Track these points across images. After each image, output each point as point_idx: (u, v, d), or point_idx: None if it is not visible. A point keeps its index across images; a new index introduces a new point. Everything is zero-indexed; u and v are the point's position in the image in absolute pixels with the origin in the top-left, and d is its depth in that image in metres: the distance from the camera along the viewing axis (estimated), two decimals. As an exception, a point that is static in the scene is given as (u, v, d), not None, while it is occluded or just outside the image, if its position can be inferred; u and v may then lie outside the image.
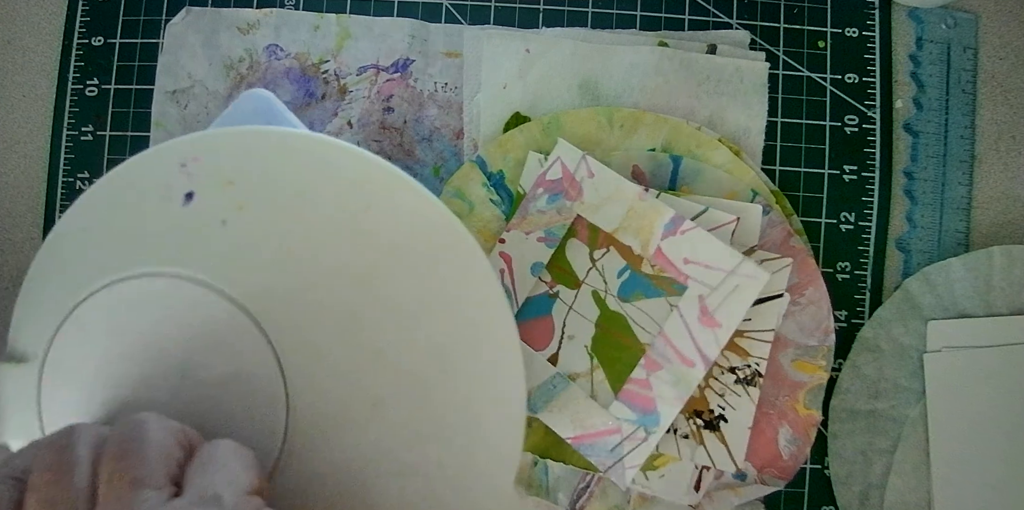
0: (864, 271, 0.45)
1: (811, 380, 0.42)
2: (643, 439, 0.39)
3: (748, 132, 0.45)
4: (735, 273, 0.39)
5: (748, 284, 0.39)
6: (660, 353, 0.40)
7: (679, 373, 0.39)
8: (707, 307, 0.39)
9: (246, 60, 0.46)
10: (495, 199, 0.43)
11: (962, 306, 0.43)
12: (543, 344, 0.42)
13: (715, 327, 0.39)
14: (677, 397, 0.39)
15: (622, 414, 0.40)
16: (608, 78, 0.45)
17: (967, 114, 0.46)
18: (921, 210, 0.45)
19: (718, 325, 0.39)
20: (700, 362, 0.39)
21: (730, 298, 0.39)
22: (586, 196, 0.42)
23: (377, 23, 0.46)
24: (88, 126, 0.46)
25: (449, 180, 0.44)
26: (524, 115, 0.45)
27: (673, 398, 0.39)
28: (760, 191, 0.43)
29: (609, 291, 0.42)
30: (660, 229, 0.40)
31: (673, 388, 0.39)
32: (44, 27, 0.47)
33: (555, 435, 0.41)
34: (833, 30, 0.47)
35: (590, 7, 0.47)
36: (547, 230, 0.42)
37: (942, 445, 0.42)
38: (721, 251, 0.39)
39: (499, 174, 0.44)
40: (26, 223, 0.46)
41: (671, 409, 0.39)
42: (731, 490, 0.41)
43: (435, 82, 0.46)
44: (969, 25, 0.46)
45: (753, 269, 0.39)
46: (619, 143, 0.43)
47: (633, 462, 0.39)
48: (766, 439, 0.42)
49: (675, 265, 0.40)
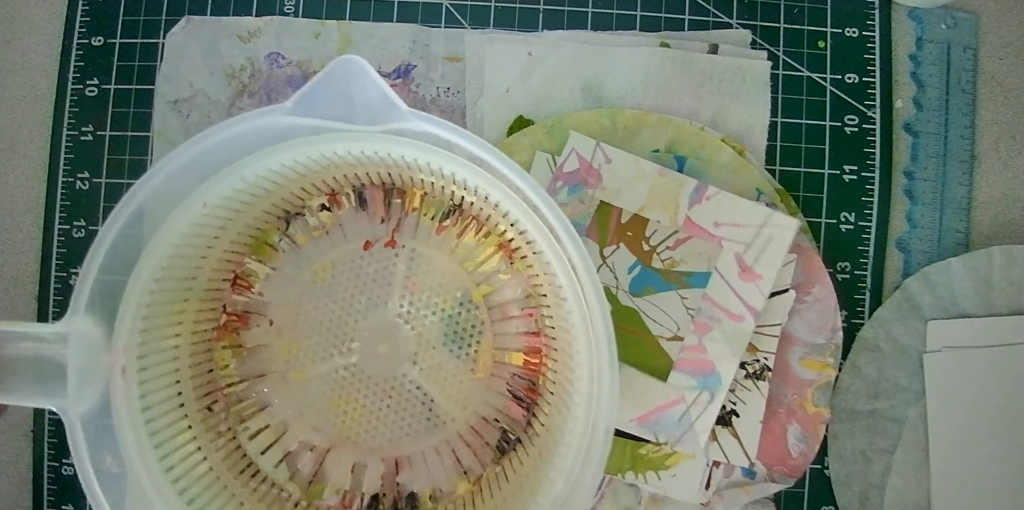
0: (864, 271, 0.45)
1: (819, 378, 0.42)
2: (708, 401, 0.41)
3: (751, 131, 0.45)
4: (766, 226, 0.41)
5: (781, 234, 0.41)
6: (708, 315, 0.41)
7: (730, 330, 0.41)
8: (745, 262, 0.41)
9: (248, 68, 0.46)
10: (501, 202, 0.44)
11: (962, 306, 0.43)
12: (556, 342, 0.43)
13: (757, 279, 0.41)
14: (733, 353, 0.41)
15: (683, 383, 0.41)
16: (611, 80, 0.45)
17: (967, 114, 0.46)
18: (921, 210, 0.45)
19: (759, 277, 0.41)
20: (749, 315, 0.41)
21: (766, 250, 0.41)
22: (606, 182, 0.42)
23: (378, 29, 0.46)
24: (88, 126, 0.46)
25: (453, 183, 0.44)
26: (527, 118, 0.45)
27: (730, 355, 0.41)
28: (765, 190, 0.43)
29: (620, 287, 0.43)
30: (686, 199, 0.42)
31: (727, 346, 0.41)
32: (44, 27, 0.47)
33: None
34: (833, 30, 0.47)
35: (590, 7, 0.47)
36: (571, 222, 0.42)
37: (942, 445, 0.42)
38: (748, 208, 0.41)
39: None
40: (26, 223, 0.46)
41: (730, 366, 0.41)
42: (741, 488, 0.42)
43: (437, 87, 0.46)
44: (969, 25, 0.46)
45: (784, 219, 0.41)
46: (623, 145, 0.43)
47: (703, 426, 0.41)
48: (775, 437, 0.42)
49: (707, 230, 0.42)
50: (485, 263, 0.41)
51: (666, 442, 0.41)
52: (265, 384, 0.41)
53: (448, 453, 0.41)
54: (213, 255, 0.38)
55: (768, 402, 0.42)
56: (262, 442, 0.41)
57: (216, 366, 0.41)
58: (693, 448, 0.41)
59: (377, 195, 0.42)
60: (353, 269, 0.42)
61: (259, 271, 0.41)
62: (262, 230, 0.41)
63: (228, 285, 0.41)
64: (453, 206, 0.41)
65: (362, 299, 0.41)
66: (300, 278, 0.42)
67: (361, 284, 0.41)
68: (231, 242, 0.39)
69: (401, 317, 0.41)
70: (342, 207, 0.42)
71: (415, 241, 0.41)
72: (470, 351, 0.41)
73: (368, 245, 0.41)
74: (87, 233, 0.46)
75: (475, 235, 0.41)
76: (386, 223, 0.42)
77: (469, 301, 0.41)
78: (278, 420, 0.41)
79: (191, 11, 0.46)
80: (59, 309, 0.45)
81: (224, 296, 0.41)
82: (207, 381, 0.40)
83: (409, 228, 0.42)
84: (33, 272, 0.46)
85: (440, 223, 0.41)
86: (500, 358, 0.41)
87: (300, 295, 0.41)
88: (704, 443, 0.41)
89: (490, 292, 0.41)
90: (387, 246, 0.41)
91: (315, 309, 0.41)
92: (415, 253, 0.41)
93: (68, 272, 0.46)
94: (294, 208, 0.41)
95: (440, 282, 0.41)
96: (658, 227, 0.43)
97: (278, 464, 0.41)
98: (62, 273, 0.46)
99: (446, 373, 0.41)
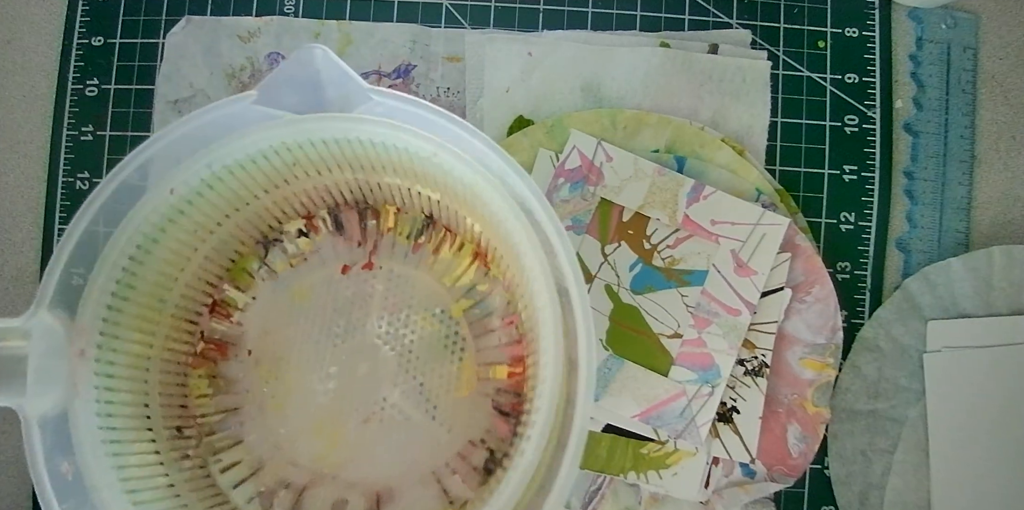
0: (864, 271, 0.45)
1: (819, 378, 0.42)
2: (709, 394, 0.42)
3: (751, 131, 0.45)
4: (759, 224, 0.43)
5: (773, 231, 0.43)
6: (706, 310, 0.42)
7: (728, 324, 0.42)
8: (741, 258, 0.42)
9: (248, 68, 0.46)
10: (501, 202, 0.44)
11: (962, 306, 0.43)
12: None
13: (752, 275, 0.42)
14: (731, 346, 0.42)
15: (683, 376, 0.42)
16: (611, 80, 0.45)
17: (967, 114, 0.46)
18: (921, 210, 0.45)
19: (754, 272, 0.42)
20: (745, 309, 0.42)
21: (760, 246, 0.43)
22: (607, 179, 0.43)
23: (378, 29, 0.46)
24: (88, 126, 0.46)
25: (453, 182, 0.44)
26: (527, 118, 0.45)
27: (728, 348, 0.42)
28: (764, 190, 0.43)
29: (622, 284, 0.43)
30: (684, 198, 0.43)
31: (725, 339, 0.42)
32: (44, 27, 0.47)
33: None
34: (833, 30, 0.47)
35: (590, 7, 0.47)
36: (573, 218, 0.43)
37: (942, 445, 0.42)
38: (743, 207, 0.43)
39: (504, 177, 0.44)
40: (26, 223, 0.46)
41: (728, 359, 0.42)
42: (740, 488, 0.42)
43: (437, 87, 0.46)
44: (969, 25, 0.46)
45: (774, 217, 0.43)
46: (623, 145, 0.43)
47: (704, 419, 0.41)
48: (775, 437, 0.42)
49: (704, 228, 0.43)
50: (463, 276, 0.40)
51: (668, 438, 0.41)
52: (240, 417, 0.40)
53: (433, 483, 0.39)
54: (189, 269, 0.37)
55: (768, 402, 0.42)
56: (234, 477, 0.39)
57: (191, 393, 0.39)
58: (695, 442, 0.41)
59: (352, 218, 0.41)
60: (331, 293, 0.41)
61: (238, 300, 0.40)
62: (240, 254, 0.41)
63: (207, 310, 0.40)
64: (426, 220, 0.41)
65: (340, 322, 0.40)
66: (279, 306, 0.41)
67: (340, 307, 0.40)
68: (206, 258, 0.38)
69: (380, 338, 0.40)
70: (319, 232, 0.41)
71: (392, 261, 0.41)
72: (452, 368, 0.40)
73: (346, 269, 0.41)
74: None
75: (450, 248, 0.41)
76: (363, 246, 0.41)
77: (449, 317, 0.40)
78: (253, 456, 0.39)
79: (191, 11, 0.47)
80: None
81: (203, 321, 0.40)
82: (179, 404, 0.38)
83: (386, 248, 0.41)
84: (33, 272, 0.46)
85: (415, 241, 0.41)
86: (484, 374, 0.40)
87: (278, 324, 0.41)
88: (705, 437, 0.41)
89: (470, 306, 0.40)
90: (365, 268, 0.41)
91: (293, 336, 0.40)
92: (392, 273, 0.41)
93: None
94: (271, 233, 0.41)
95: (419, 300, 0.40)
96: (658, 226, 0.43)
97: (250, 501, 0.39)
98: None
99: (428, 393, 0.40)
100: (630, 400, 0.41)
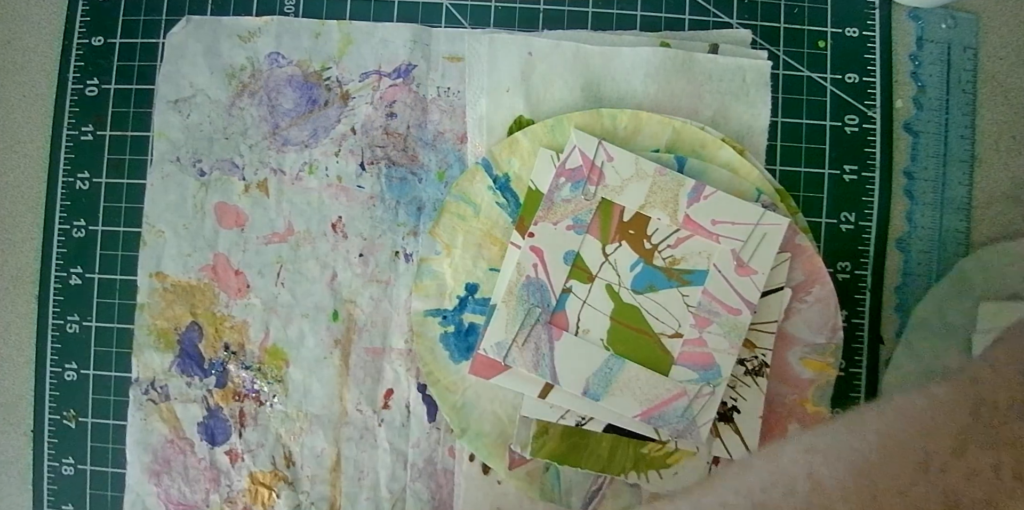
0: (864, 271, 0.45)
1: (819, 377, 0.42)
2: (710, 393, 0.41)
3: (752, 130, 0.45)
4: (760, 224, 0.42)
5: (773, 231, 0.42)
6: (707, 309, 0.42)
7: (729, 323, 0.42)
8: (741, 258, 0.42)
9: (248, 68, 0.46)
10: (501, 202, 0.44)
11: (1014, 289, 0.43)
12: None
13: (752, 274, 0.42)
14: (732, 346, 0.42)
15: (685, 376, 0.42)
16: (611, 80, 0.45)
17: (967, 114, 0.46)
18: (921, 210, 0.45)
19: (754, 272, 0.42)
20: (746, 308, 0.42)
21: (760, 246, 0.42)
22: (608, 179, 0.43)
23: (378, 29, 0.46)
24: (88, 126, 0.46)
25: (455, 184, 0.44)
26: (527, 118, 0.45)
27: (728, 347, 0.42)
28: (765, 190, 0.43)
29: (623, 284, 0.43)
30: (685, 198, 0.43)
31: (726, 339, 0.42)
32: (44, 27, 0.47)
33: (570, 441, 0.42)
34: (833, 30, 0.47)
35: (590, 7, 0.47)
36: (574, 217, 0.43)
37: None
38: (743, 207, 0.43)
39: (505, 177, 0.44)
40: (26, 223, 0.46)
41: (729, 358, 0.42)
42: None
43: (438, 87, 0.46)
44: (969, 25, 0.46)
45: (775, 217, 0.43)
46: (623, 144, 0.43)
47: (704, 418, 0.41)
48: (775, 437, 0.42)
49: (705, 227, 0.43)
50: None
51: (669, 437, 0.41)
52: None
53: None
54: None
55: (768, 401, 0.42)
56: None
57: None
58: (696, 441, 0.41)
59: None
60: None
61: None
62: None
63: None
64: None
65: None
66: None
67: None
68: None
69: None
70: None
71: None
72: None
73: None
74: (87, 233, 0.46)
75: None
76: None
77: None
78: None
79: (191, 11, 0.47)
80: (59, 309, 0.45)
81: None
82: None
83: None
84: (33, 272, 0.46)
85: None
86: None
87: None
88: (706, 435, 0.41)
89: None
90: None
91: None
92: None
93: (68, 272, 0.46)
94: None
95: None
96: (659, 225, 0.43)
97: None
98: (62, 273, 0.46)
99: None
100: (631, 400, 0.41)
